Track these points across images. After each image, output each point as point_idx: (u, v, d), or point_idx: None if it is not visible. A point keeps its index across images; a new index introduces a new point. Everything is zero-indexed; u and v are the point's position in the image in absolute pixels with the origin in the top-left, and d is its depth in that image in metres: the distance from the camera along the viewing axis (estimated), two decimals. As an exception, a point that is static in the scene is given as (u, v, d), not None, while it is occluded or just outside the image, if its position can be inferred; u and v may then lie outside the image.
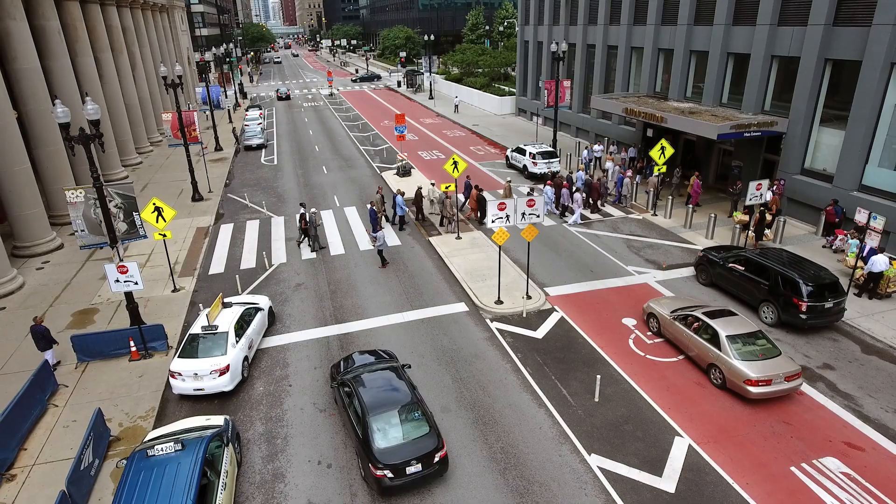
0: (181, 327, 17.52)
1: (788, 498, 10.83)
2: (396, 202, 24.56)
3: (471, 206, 25.62)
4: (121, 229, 16.18)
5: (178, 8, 63.19)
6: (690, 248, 21.99)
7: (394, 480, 10.71)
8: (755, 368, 12.97)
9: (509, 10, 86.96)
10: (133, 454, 10.52)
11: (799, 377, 13.16)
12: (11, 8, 23.79)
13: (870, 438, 12.26)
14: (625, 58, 34.05)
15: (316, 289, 19.89)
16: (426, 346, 16.17)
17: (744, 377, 12.97)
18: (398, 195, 24.66)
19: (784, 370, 12.94)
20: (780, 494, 10.91)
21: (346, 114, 58.03)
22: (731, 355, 13.36)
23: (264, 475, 11.87)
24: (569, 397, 13.85)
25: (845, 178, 21.64)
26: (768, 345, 13.61)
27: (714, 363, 13.82)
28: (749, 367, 13.03)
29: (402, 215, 24.87)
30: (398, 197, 24.59)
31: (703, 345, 14.17)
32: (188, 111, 28.86)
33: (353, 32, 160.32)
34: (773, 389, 12.87)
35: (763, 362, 13.11)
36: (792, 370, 13.02)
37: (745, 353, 13.34)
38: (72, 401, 14.39)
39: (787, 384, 12.94)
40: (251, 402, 14.15)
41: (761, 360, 13.16)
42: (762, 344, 13.60)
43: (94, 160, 15.31)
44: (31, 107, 24.84)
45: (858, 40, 20.47)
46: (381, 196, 24.73)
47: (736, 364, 13.21)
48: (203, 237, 25.13)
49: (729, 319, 14.27)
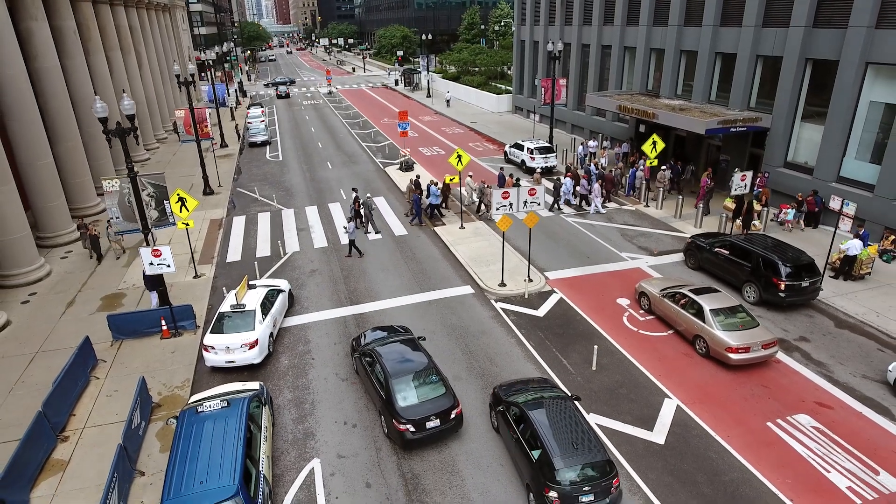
0: (206, 309, 18.77)
1: (765, 448, 12.25)
2: (431, 191, 26.00)
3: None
4: (152, 217, 17.40)
5: (179, 7, 64.12)
6: (680, 236, 23.42)
7: (415, 434, 12.04)
8: (735, 338, 14.45)
9: (505, 9, 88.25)
10: (183, 412, 11.80)
11: (775, 345, 14.64)
12: (33, 9, 24.89)
13: (838, 399, 13.71)
14: (618, 57, 35.47)
15: (330, 274, 21.17)
16: (436, 323, 17.50)
17: (725, 345, 14.44)
18: (432, 185, 26.15)
19: (761, 339, 14.43)
20: (757, 445, 12.33)
21: (345, 111, 59.21)
22: (715, 326, 14.84)
23: (296, 434, 13.16)
24: (569, 367, 15.23)
25: (825, 171, 23.12)
26: (747, 317, 15.09)
27: (699, 334, 15.28)
28: (730, 336, 14.51)
29: (437, 204, 26.23)
30: (432, 187, 26.09)
31: (689, 318, 15.63)
32: (200, 108, 29.99)
33: (349, 31, 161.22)
34: (751, 356, 14.36)
35: (742, 332, 14.59)
36: (768, 339, 14.50)
37: (727, 324, 14.82)
38: (111, 373, 15.61)
39: (763, 351, 14.45)
40: (278, 373, 15.44)
41: (741, 331, 14.65)
42: (742, 317, 15.07)
43: (128, 152, 16.53)
44: (52, 104, 25.95)
45: (836, 41, 21.93)
46: (417, 180, 26.55)
47: (718, 334, 14.67)
48: (217, 228, 26.33)
49: (712, 295, 15.77)
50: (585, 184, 26.99)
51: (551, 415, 11.35)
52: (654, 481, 11.51)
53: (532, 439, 11.03)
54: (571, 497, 10.15)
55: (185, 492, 9.70)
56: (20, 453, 11.40)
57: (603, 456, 10.66)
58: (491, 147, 40.58)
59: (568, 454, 10.51)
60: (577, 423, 11.26)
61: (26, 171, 23.27)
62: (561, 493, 10.12)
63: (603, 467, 10.50)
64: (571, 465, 10.38)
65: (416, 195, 25.37)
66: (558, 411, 11.49)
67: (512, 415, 11.88)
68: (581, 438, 10.86)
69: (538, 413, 11.38)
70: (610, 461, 10.66)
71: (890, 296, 18.04)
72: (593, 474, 10.37)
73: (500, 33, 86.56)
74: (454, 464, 12.12)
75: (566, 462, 10.39)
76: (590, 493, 10.22)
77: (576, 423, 11.25)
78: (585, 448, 10.68)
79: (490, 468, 11.98)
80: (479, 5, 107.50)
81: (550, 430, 10.93)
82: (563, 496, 10.13)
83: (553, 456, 10.47)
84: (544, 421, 11.16)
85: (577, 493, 10.16)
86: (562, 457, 10.45)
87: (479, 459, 12.21)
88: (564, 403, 11.81)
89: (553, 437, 10.79)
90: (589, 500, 10.23)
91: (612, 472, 10.48)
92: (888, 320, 16.74)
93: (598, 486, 10.26)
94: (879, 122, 21.28)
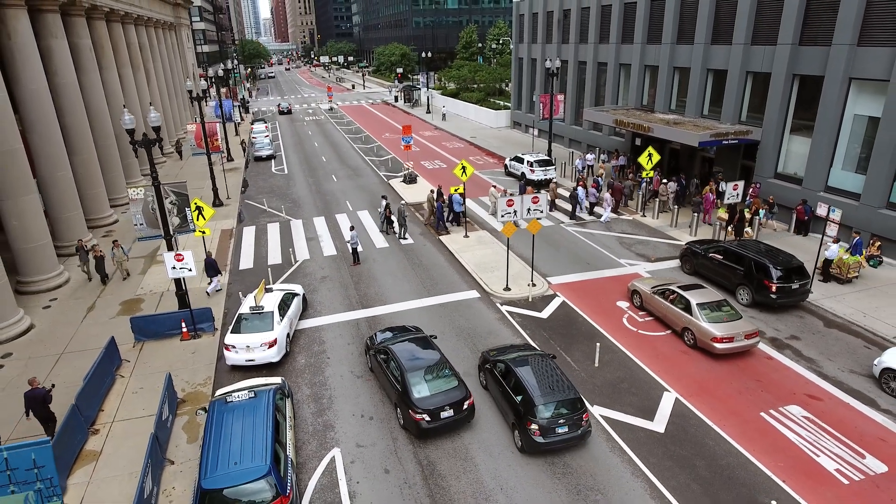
0: (222, 313, 19.54)
1: (758, 435, 13.05)
2: (454, 200, 27.02)
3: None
4: (174, 223, 18.24)
5: (184, 26, 65.57)
6: (676, 243, 24.36)
7: (430, 423, 12.79)
8: (720, 329, 15.79)
9: (502, 27, 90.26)
10: (213, 403, 12.54)
11: (756, 336, 15.94)
12: (54, 27, 25.97)
13: (827, 391, 14.55)
14: (614, 74, 36.77)
15: (340, 280, 21.98)
16: (445, 325, 18.31)
17: (711, 336, 15.76)
18: (456, 194, 27.20)
19: (744, 330, 15.77)
20: (751, 433, 13.13)
21: (347, 127, 60.42)
22: (701, 319, 16.15)
23: (316, 426, 13.89)
24: (573, 363, 16.03)
25: (813, 181, 24.19)
26: (731, 310, 16.40)
27: (687, 326, 16.60)
28: (715, 327, 15.86)
29: (459, 212, 27.24)
30: (456, 195, 27.17)
31: (678, 312, 16.90)
32: (211, 122, 30.98)
33: (347, 49, 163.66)
34: (734, 345, 15.66)
35: (726, 324, 15.94)
36: (750, 330, 15.81)
37: (712, 317, 16.13)
38: (135, 372, 16.33)
39: (746, 341, 15.76)
40: (296, 371, 16.18)
41: (725, 322, 16.00)
42: (726, 310, 16.41)
43: (153, 161, 17.42)
44: (69, 118, 26.91)
45: (821, 58, 23.13)
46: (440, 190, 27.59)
47: (705, 326, 15.97)
48: (228, 238, 27.15)
49: (699, 291, 17.14)
50: (595, 192, 28.17)
51: (531, 367, 13.49)
52: (656, 465, 12.28)
53: (516, 387, 13.11)
54: (549, 428, 12.25)
55: (221, 471, 10.42)
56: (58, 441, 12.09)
57: (574, 395, 12.72)
58: (491, 160, 41.67)
59: (545, 395, 12.61)
60: (552, 372, 13.36)
61: (46, 183, 24.12)
62: (541, 426, 12.23)
63: (574, 404, 12.58)
64: (548, 402, 12.46)
65: (439, 203, 26.38)
66: (537, 364, 13.63)
67: (498, 370, 13.99)
68: (556, 383, 12.99)
69: (521, 366, 13.51)
70: (581, 399, 12.74)
71: (876, 298, 18.97)
72: (566, 410, 12.48)
73: (497, 51, 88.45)
74: (467, 451, 12.86)
75: (544, 400, 12.49)
76: (564, 425, 12.34)
77: (551, 372, 13.35)
78: (559, 390, 12.78)
79: (502, 455, 12.72)
80: (476, 24, 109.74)
81: (530, 378, 13.07)
82: (543, 428, 12.23)
83: (534, 396, 12.58)
84: (525, 371, 13.32)
85: (554, 426, 12.28)
86: (541, 396, 12.57)
87: (491, 448, 12.96)
88: (542, 359, 13.90)
89: (533, 383, 12.91)
90: (564, 431, 12.35)
91: (582, 408, 12.59)
92: (874, 320, 17.64)
93: (571, 419, 12.38)
94: (863, 134, 22.40)
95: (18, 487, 6.75)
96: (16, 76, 22.46)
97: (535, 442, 12.28)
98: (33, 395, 13.10)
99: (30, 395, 13.11)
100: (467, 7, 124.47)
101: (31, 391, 13.12)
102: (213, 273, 20.70)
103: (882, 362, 14.53)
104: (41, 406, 13.20)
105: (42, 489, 6.78)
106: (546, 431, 12.23)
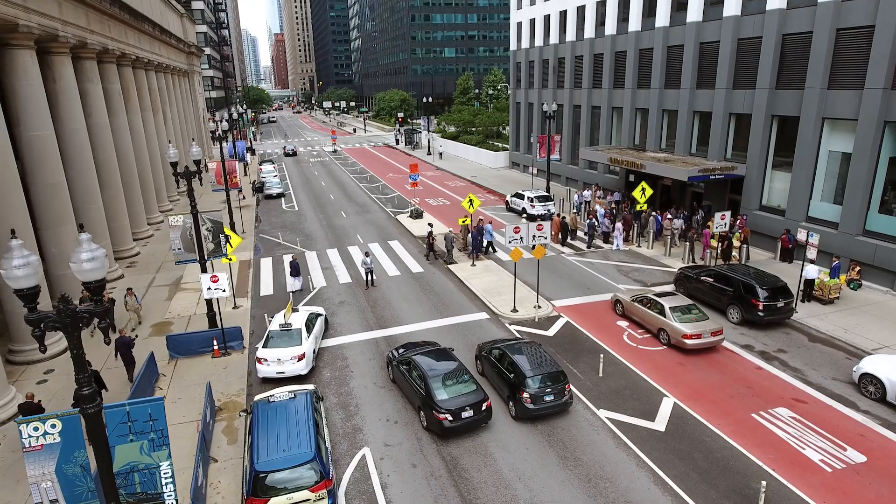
0: (249, 333, 20.87)
1: (750, 433, 14.37)
2: (486, 230, 28.76)
3: (554, 230, 29.89)
4: (209, 248, 19.78)
5: (196, 73, 68.73)
6: (670, 270, 26.02)
7: (452, 423, 14.07)
8: (690, 327, 18.22)
9: (498, 74, 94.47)
10: (255, 403, 13.83)
11: (721, 333, 18.32)
12: (91, 72, 28.16)
13: (811, 395, 15.94)
14: (607, 116, 39.27)
15: (357, 304, 23.42)
16: (459, 342, 19.68)
17: (682, 333, 18.18)
18: (488, 224, 28.99)
19: (710, 328, 18.22)
20: (743, 431, 14.45)
21: (352, 168, 62.80)
22: (673, 320, 18.60)
23: (346, 429, 15.11)
24: (579, 374, 17.40)
25: (795, 212, 26.10)
26: (700, 313, 18.91)
27: (662, 327, 19.03)
28: (686, 326, 18.29)
29: (490, 241, 28.99)
30: (488, 225, 29.06)
31: (654, 316, 19.42)
32: (230, 160, 32.92)
33: (347, 95, 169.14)
34: (702, 341, 18.10)
35: (695, 324, 18.39)
36: (715, 328, 18.28)
37: (683, 318, 18.62)
38: (173, 384, 17.55)
39: (713, 338, 18.20)
40: (322, 383, 17.45)
41: (694, 323, 18.42)
42: (696, 313, 18.85)
43: (192, 191, 19.12)
44: (101, 156, 28.76)
45: (796, 100, 25.41)
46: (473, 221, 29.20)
47: (676, 325, 18.43)
48: (247, 268, 28.66)
49: (671, 297, 19.66)
50: (607, 223, 30.27)
51: (521, 350, 16.08)
52: (658, 458, 13.55)
53: (510, 365, 15.59)
54: (538, 397, 14.71)
55: (272, 456, 11.66)
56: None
57: (557, 369, 15.30)
58: (492, 198, 43.71)
59: (534, 369, 15.12)
60: (539, 353, 15.98)
61: (79, 215, 25.71)
62: (531, 394, 14.70)
63: (557, 376, 15.10)
64: (536, 374, 14.93)
65: (473, 232, 28.04)
66: (526, 348, 16.24)
67: (494, 355, 16.58)
68: (542, 360, 15.60)
69: (513, 349, 16.13)
70: (563, 372, 15.31)
71: (856, 316, 20.53)
72: (550, 382, 14.94)
73: (494, 96, 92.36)
74: (486, 448, 14.10)
75: (533, 373, 14.97)
76: (550, 393, 14.83)
77: (538, 353, 15.96)
78: (545, 365, 15.32)
79: (517, 451, 13.97)
80: (472, 71, 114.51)
81: (521, 357, 15.63)
82: (532, 396, 14.69)
83: (524, 370, 15.07)
84: (517, 353, 15.89)
85: (542, 394, 14.75)
86: (530, 370, 15.07)
87: (508, 445, 14.21)
88: (530, 345, 16.54)
89: (523, 360, 15.47)
90: (550, 399, 14.82)
91: (564, 380, 15.14)
92: (854, 335, 19.15)
93: (555, 388, 14.91)
94: (838, 169, 24.44)
95: (136, 436, 8.02)
96: (59, 116, 24.38)
97: (526, 408, 14.68)
98: (123, 340, 17.06)
99: (119, 340, 17.01)
100: (464, 55, 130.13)
101: (120, 337, 17.11)
102: (295, 274, 24.37)
103: (861, 368, 15.99)
104: (126, 349, 17.03)
105: (154, 438, 8.03)
106: (535, 399, 14.66)
